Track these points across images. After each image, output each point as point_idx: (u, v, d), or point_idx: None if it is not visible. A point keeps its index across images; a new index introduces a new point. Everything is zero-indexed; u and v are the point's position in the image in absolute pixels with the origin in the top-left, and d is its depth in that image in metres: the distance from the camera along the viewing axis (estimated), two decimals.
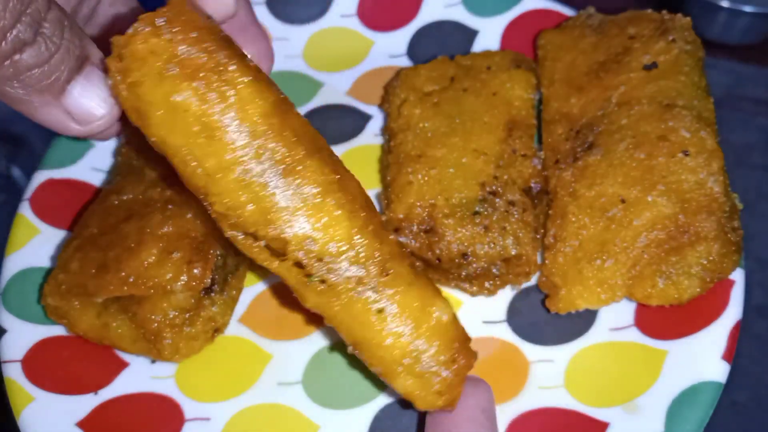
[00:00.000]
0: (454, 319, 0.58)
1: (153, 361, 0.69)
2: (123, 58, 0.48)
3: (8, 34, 0.44)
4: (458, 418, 0.57)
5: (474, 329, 0.69)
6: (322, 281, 0.53)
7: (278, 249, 0.53)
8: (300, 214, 0.52)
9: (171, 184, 0.69)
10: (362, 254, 0.53)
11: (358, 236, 0.53)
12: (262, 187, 0.51)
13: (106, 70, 0.50)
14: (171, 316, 0.64)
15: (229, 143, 0.49)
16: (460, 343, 0.57)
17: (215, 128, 0.49)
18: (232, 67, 0.49)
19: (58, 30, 0.47)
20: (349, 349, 0.57)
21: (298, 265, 0.53)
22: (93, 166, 0.81)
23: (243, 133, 0.49)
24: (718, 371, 0.61)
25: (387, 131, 0.78)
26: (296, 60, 0.89)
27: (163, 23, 0.48)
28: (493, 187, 0.68)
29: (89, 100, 0.51)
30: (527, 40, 0.85)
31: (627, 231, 0.63)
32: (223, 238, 0.67)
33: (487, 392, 0.60)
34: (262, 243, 0.53)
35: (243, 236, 0.53)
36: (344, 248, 0.53)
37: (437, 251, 0.66)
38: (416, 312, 0.55)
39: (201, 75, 0.48)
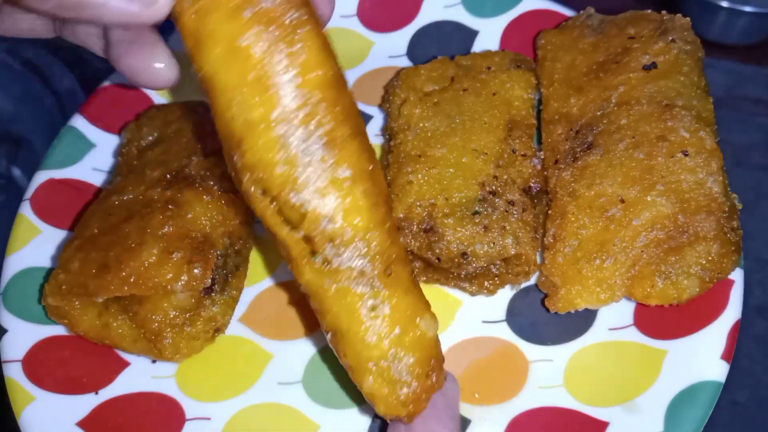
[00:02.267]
0: (437, 337, 0.57)
1: (153, 361, 0.69)
2: None
3: None
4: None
5: (473, 329, 0.69)
6: (326, 262, 0.52)
7: (293, 219, 0.52)
8: (327, 192, 0.51)
9: (171, 185, 0.69)
10: (373, 249, 0.53)
11: (375, 231, 0.53)
12: (300, 154, 0.50)
13: None
14: (171, 315, 0.64)
15: (281, 101, 0.48)
16: (436, 362, 0.57)
17: (271, 84, 0.48)
18: (305, 29, 0.48)
19: None
20: (328, 337, 0.56)
21: (307, 239, 0.52)
22: (93, 167, 0.81)
23: (297, 97, 0.49)
24: (717, 371, 0.61)
25: (387, 131, 0.78)
26: None
27: None
28: (493, 187, 0.68)
29: None
30: (527, 40, 0.84)
31: (626, 231, 0.64)
32: (225, 236, 0.68)
33: (452, 382, 0.61)
34: (277, 207, 0.52)
35: (262, 194, 0.52)
36: (358, 238, 0.52)
37: (437, 251, 0.66)
38: (406, 319, 0.55)
39: (273, 28, 0.47)
